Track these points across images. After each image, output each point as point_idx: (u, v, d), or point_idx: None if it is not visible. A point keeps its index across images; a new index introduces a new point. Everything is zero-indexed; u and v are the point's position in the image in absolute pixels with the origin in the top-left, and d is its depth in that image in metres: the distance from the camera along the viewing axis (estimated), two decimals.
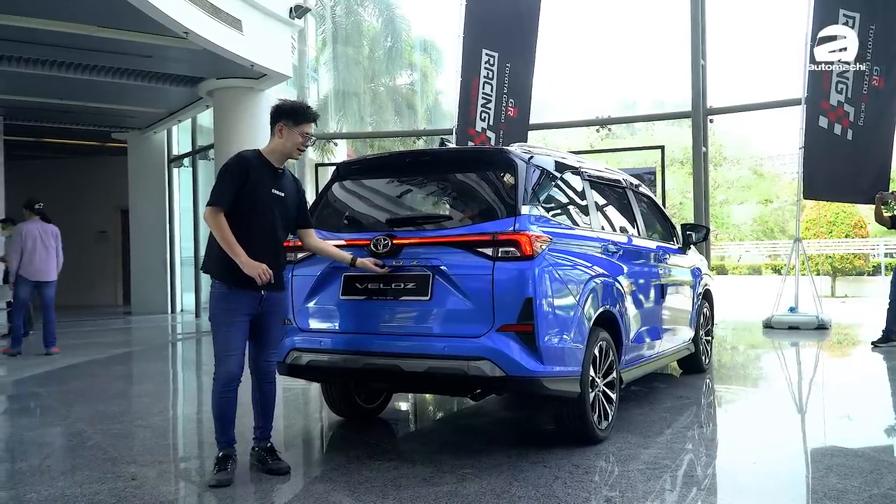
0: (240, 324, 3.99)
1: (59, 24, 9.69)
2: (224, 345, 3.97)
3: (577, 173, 5.10)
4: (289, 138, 4.08)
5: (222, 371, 3.97)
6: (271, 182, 4.05)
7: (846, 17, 10.62)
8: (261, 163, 4.05)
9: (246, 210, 3.94)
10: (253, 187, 3.95)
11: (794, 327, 10.68)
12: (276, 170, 4.10)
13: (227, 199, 3.89)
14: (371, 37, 22.40)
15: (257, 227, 3.98)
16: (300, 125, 4.08)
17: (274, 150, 4.10)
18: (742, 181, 38.89)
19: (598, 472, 4.04)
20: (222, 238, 3.88)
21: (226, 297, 3.98)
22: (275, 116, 4.13)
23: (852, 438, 4.89)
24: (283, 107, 4.15)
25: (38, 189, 18.32)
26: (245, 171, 3.95)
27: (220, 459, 3.99)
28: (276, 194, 4.06)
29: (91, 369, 8.55)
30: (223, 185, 3.92)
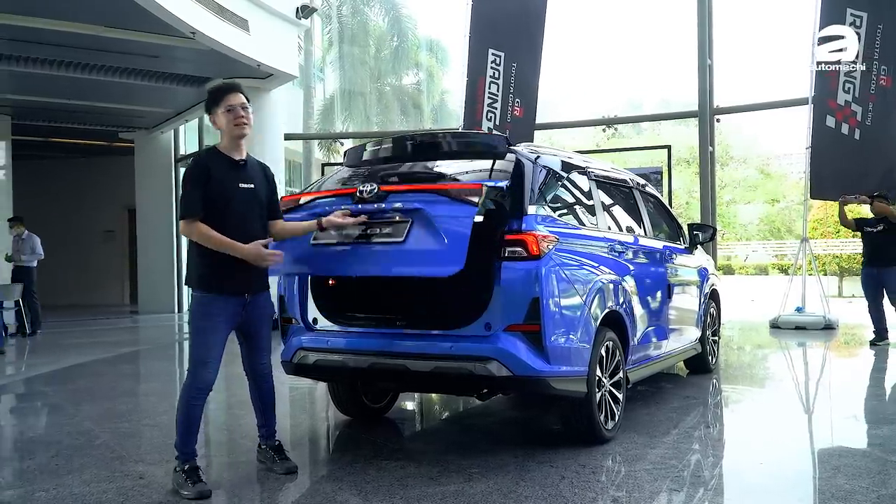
0: (220, 332, 3.86)
1: (66, 25, 9.72)
2: (201, 353, 3.83)
3: (584, 173, 5.09)
4: (221, 121, 3.93)
5: (196, 379, 3.82)
6: (236, 176, 3.90)
7: (853, 17, 10.59)
8: (220, 159, 3.91)
9: (217, 211, 3.79)
10: (219, 186, 3.81)
11: (801, 327, 10.65)
12: (238, 162, 3.94)
13: (198, 207, 3.75)
14: (377, 36, 22.42)
15: (232, 225, 3.81)
16: (220, 103, 3.92)
17: (225, 140, 3.96)
18: (749, 181, 38.77)
19: (604, 472, 4.03)
20: (209, 241, 3.74)
21: (208, 304, 3.84)
22: (207, 112, 4.04)
23: (860, 439, 4.88)
24: (206, 103, 4.06)
25: (45, 188, 18.49)
26: (206, 172, 3.81)
27: (190, 471, 3.79)
28: (245, 187, 3.91)
29: (98, 368, 8.58)
30: (189, 193, 3.78)
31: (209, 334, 3.83)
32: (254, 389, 4.18)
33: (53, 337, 11.80)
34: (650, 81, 47.16)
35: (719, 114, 12.75)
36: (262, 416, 4.20)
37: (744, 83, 39.96)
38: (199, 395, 3.85)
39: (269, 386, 4.17)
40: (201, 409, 3.89)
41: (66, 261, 17.50)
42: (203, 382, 3.84)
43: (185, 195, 3.83)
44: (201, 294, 3.85)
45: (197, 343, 3.86)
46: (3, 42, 10.41)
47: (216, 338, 3.84)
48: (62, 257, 16.34)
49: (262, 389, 4.15)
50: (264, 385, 4.15)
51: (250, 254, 3.78)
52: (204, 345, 3.83)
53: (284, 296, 4.71)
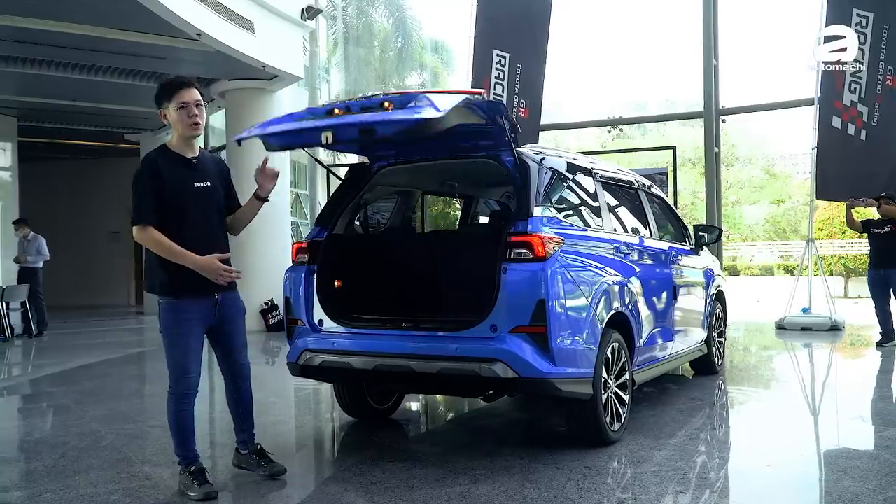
0: (195, 336, 3.74)
1: (72, 27, 9.75)
2: (179, 360, 3.71)
3: (589, 174, 5.09)
4: (175, 118, 3.69)
5: (180, 388, 3.72)
6: (190, 175, 3.73)
7: (859, 17, 10.56)
8: (170, 158, 3.72)
9: (173, 214, 3.64)
10: (173, 187, 3.65)
11: (807, 328, 10.61)
12: (191, 160, 3.76)
13: (150, 211, 3.60)
14: (382, 38, 22.42)
15: (190, 227, 3.67)
16: (172, 98, 3.68)
17: (177, 137, 3.76)
18: (754, 181, 38.70)
19: (610, 473, 4.03)
20: (162, 249, 3.60)
21: (175, 310, 3.69)
22: (155, 105, 3.77)
23: (867, 441, 4.87)
24: (155, 95, 3.77)
25: (51, 190, 18.54)
26: (157, 174, 3.64)
27: (196, 473, 3.75)
28: (200, 186, 3.74)
29: (104, 369, 8.60)
30: (139, 198, 3.62)
31: (185, 339, 3.71)
32: (232, 392, 4.04)
33: (59, 338, 11.84)
34: (655, 82, 47.09)
35: (725, 114, 12.73)
36: (242, 420, 4.06)
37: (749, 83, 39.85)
38: (184, 400, 3.76)
39: (247, 386, 4.03)
40: (191, 413, 3.80)
41: (72, 262, 17.54)
42: (187, 388, 3.73)
43: (136, 199, 3.64)
44: (169, 300, 3.70)
45: (173, 351, 3.72)
46: (10, 44, 10.44)
47: (192, 342, 3.73)
48: (68, 258, 16.37)
49: (241, 390, 4.01)
50: (243, 385, 4.01)
51: (205, 267, 3.63)
52: (182, 351, 3.71)
53: (290, 297, 4.72)
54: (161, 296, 3.73)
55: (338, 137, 3.94)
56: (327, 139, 3.91)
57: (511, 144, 4.29)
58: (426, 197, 9.09)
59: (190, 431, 3.80)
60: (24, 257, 11.92)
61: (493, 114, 4.10)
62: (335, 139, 3.93)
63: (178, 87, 3.71)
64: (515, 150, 4.35)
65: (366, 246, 5.24)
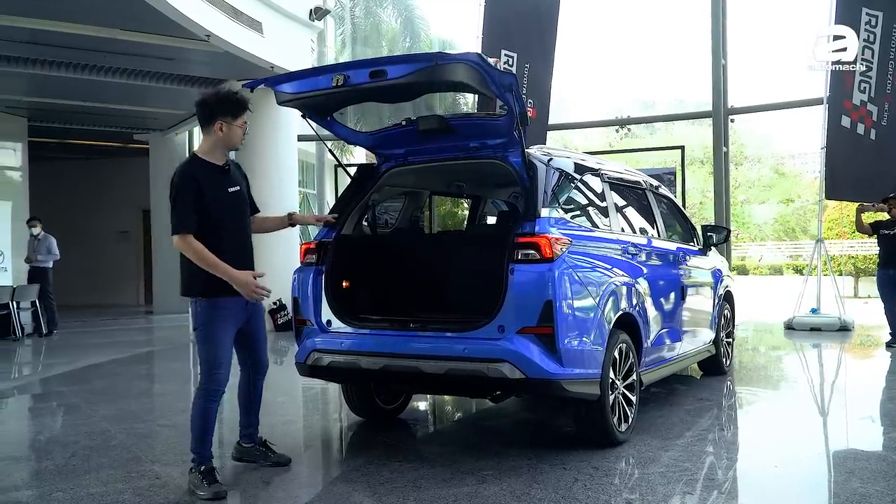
0: (230, 333, 3.90)
1: (82, 28, 9.80)
2: (213, 358, 3.85)
3: (597, 175, 5.09)
4: (230, 133, 3.89)
5: (212, 384, 3.85)
6: (224, 181, 3.91)
7: (869, 16, 10.52)
8: (205, 167, 3.88)
9: (214, 222, 3.81)
10: (210, 197, 3.81)
11: (816, 329, 10.57)
12: (222, 167, 3.94)
13: (192, 221, 3.75)
14: (390, 38, 22.45)
15: (230, 233, 3.88)
16: (238, 117, 3.91)
17: (214, 147, 3.92)
18: (763, 180, 38.59)
19: (617, 474, 4.03)
20: (201, 260, 3.74)
21: (212, 307, 3.85)
22: (210, 115, 3.89)
23: (875, 442, 4.86)
24: (216, 102, 3.91)
25: (60, 190, 18.63)
26: (197, 185, 3.79)
27: (206, 472, 3.82)
28: (233, 191, 3.94)
29: (114, 368, 8.65)
30: (181, 207, 3.75)
31: (220, 337, 3.86)
32: (246, 386, 4.21)
33: (69, 337, 11.90)
34: (664, 81, 47.08)
35: (734, 114, 12.70)
36: (252, 414, 4.24)
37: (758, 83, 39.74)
38: (215, 396, 3.89)
39: (261, 384, 4.24)
40: (216, 410, 3.94)
41: (82, 261, 17.60)
42: (219, 384, 3.87)
43: (176, 209, 3.77)
44: (208, 300, 3.85)
45: (208, 347, 3.87)
46: (20, 45, 10.50)
47: (226, 340, 3.90)
48: (78, 258, 16.42)
49: (256, 386, 4.20)
50: (259, 382, 4.20)
51: (240, 282, 3.79)
52: (216, 348, 3.86)
53: (298, 298, 4.73)
54: (199, 297, 3.87)
55: (350, 81, 4.07)
56: (338, 81, 4.07)
57: (520, 137, 4.29)
58: (434, 197, 9.11)
59: (211, 430, 3.93)
60: (34, 256, 11.98)
61: (502, 84, 4.10)
62: (346, 82, 4.07)
63: (244, 107, 3.94)
64: (524, 145, 4.34)
65: (374, 246, 5.26)
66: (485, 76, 3.99)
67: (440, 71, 3.99)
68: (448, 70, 3.99)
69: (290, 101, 4.47)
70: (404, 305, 5.11)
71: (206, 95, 3.97)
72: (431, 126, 4.65)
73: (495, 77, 4.04)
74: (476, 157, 4.71)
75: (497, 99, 4.26)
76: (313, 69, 4.45)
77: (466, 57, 3.97)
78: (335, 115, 4.88)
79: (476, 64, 3.94)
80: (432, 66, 3.97)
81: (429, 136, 4.71)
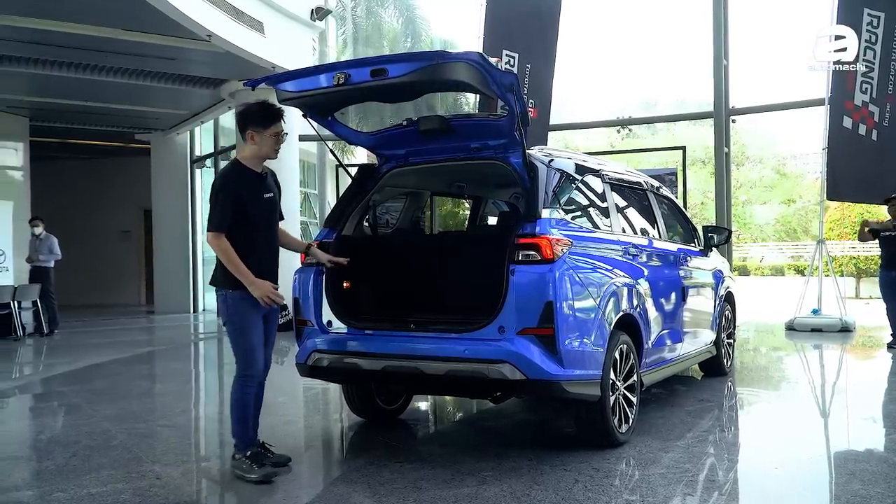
0: (257, 325, 4.08)
1: (83, 28, 9.81)
2: (247, 345, 4.04)
3: (598, 176, 5.09)
4: (262, 143, 4.06)
5: (252, 372, 4.04)
6: (260, 188, 4.10)
7: (870, 17, 10.51)
8: (246, 173, 4.08)
9: (247, 225, 3.99)
10: (248, 201, 4.00)
11: (817, 330, 10.55)
12: (261, 174, 4.13)
13: (227, 222, 3.94)
14: (391, 38, 22.42)
15: (261, 237, 4.07)
16: (269, 127, 4.06)
17: (252, 156, 4.10)
18: (765, 181, 38.55)
19: (618, 475, 4.03)
20: (229, 262, 3.93)
21: (242, 300, 4.01)
22: (242, 124, 4.10)
23: (877, 443, 4.85)
24: (248, 113, 4.11)
25: (62, 189, 18.65)
26: (237, 188, 3.99)
27: (253, 457, 4.01)
28: (267, 197, 4.12)
29: (115, 368, 8.65)
30: (220, 208, 3.95)
31: (251, 325, 4.04)
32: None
33: (71, 337, 11.91)
34: (665, 81, 46.99)
35: (735, 114, 12.69)
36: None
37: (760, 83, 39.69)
38: (252, 382, 4.05)
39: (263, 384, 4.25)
40: (254, 397, 4.08)
41: (83, 261, 17.62)
42: (256, 371, 4.04)
43: (215, 208, 3.98)
44: (238, 291, 4.00)
45: (242, 338, 4.04)
46: (22, 45, 10.51)
47: (256, 328, 4.07)
48: (79, 258, 16.45)
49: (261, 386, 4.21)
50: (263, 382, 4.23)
51: (258, 288, 3.96)
52: (249, 336, 4.03)
53: (299, 298, 4.73)
54: (231, 290, 4.02)
55: (352, 80, 4.10)
56: (339, 80, 4.11)
57: (521, 137, 4.28)
58: (435, 198, 9.10)
59: (251, 415, 4.07)
60: (36, 256, 11.99)
61: (503, 84, 4.09)
62: (347, 81, 4.09)
63: (277, 118, 4.08)
64: (524, 145, 4.33)
65: (374, 247, 5.25)
66: (486, 76, 3.99)
67: (441, 70, 4.00)
68: (449, 69, 4.00)
69: (291, 100, 4.47)
70: (405, 306, 5.11)
71: (242, 106, 4.22)
72: (432, 126, 4.65)
73: (496, 77, 4.04)
74: (477, 157, 4.70)
75: (498, 99, 4.26)
76: (314, 67, 4.47)
77: (468, 56, 3.97)
78: (336, 115, 4.88)
79: (477, 63, 3.94)
80: (433, 65, 3.98)
81: (430, 136, 4.71)
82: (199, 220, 17.01)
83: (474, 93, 4.84)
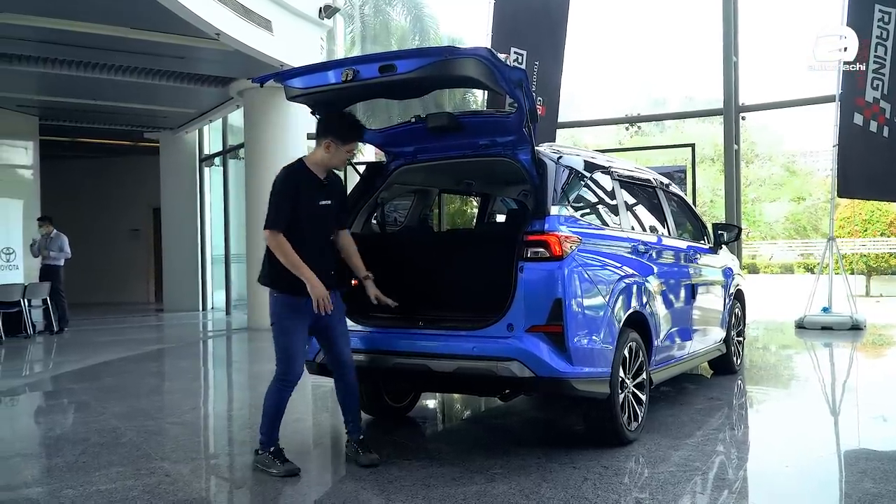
0: (301, 330, 4.08)
1: (92, 27, 9.84)
2: (287, 349, 4.06)
3: (607, 173, 5.07)
4: (335, 155, 4.09)
5: (290, 377, 4.07)
6: (319, 194, 4.10)
7: (882, 13, 10.42)
8: (308, 176, 4.09)
9: (299, 224, 4.00)
10: (304, 202, 4.02)
11: (827, 328, 10.49)
12: (322, 181, 4.12)
13: (284, 220, 3.96)
14: (399, 36, 22.42)
15: (311, 238, 4.06)
16: (348, 143, 4.11)
17: (320, 162, 4.11)
18: (774, 178, 38.34)
19: (627, 473, 4.01)
20: (288, 260, 3.94)
21: (290, 305, 4.04)
22: (322, 131, 4.12)
23: (888, 441, 4.81)
24: (331, 122, 4.14)
25: (72, 188, 18.73)
26: (295, 188, 4.02)
27: (276, 453, 4.08)
28: (325, 204, 4.12)
29: (124, 366, 8.69)
30: (278, 205, 3.98)
31: (293, 330, 4.06)
32: (338, 383, 4.29)
33: (80, 335, 11.97)
34: (674, 78, 46.72)
35: (745, 111, 12.60)
36: (347, 412, 4.32)
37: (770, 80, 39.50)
38: (287, 386, 4.09)
39: (350, 380, 4.26)
40: (287, 401, 4.14)
41: (93, 259, 17.71)
42: (294, 375, 4.08)
43: (274, 205, 3.99)
44: (285, 295, 4.04)
45: (282, 340, 4.08)
46: (32, 44, 10.56)
47: (299, 333, 4.09)
48: (88, 256, 16.53)
49: (345, 381, 4.26)
50: (346, 378, 4.25)
51: (315, 291, 3.96)
52: (290, 341, 4.06)
53: None
54: (277, 291, 4.07)
55: (360, 76, 4.08)
56: (347, 76, 4.10)
57: (530, 134, 4.25)
58: (443, 195, 9.10)
59: (280, 416, 4.14)
60: (45, 252, 12.04)
61: (511, 80, 4.07)
62: (356, 77, 4.08)
63: (358, 136, 4.19)
64: (533, 142, 4.31)
65: (383, 244, 5.24)
66: (494, 71, 3.98)
67: (450, 66, 3.98)
68: (458, 65, 3.99)
69: (299, 97, 4.47)
70: (413, 303, 5.09)
71: (329, 113, 4.23)
72: (441, 123, 4.64)
73: (505, 73, 4.03)
74: (485, 154, 4.69)
75: (506, 95, 4.25)
76: (323, 64, 4.46)
77: (476, 52, 3.96)
78: (345, 111, 4.86)
79: (486, 59, 3.93)
80: (442, 61, 3.97)
81: (438, 133, 4.70)
82: (207, 219, 17.06)
83: (483, 89, 4.83)
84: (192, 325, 14.36)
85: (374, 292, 4.41)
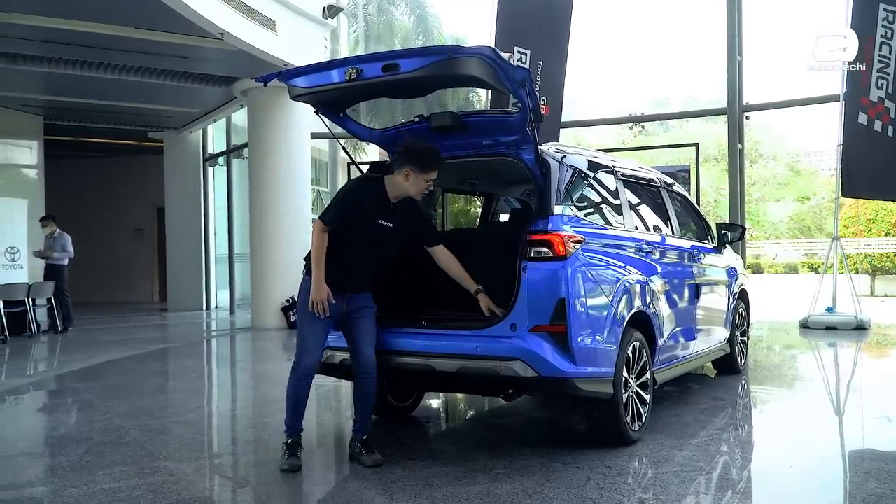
0: (320, 323, 4.13)
1: (96, 26, 9.86)
2: (306, 338, 4.15)
3: (610, 172, 5.06)
4: (414, 184, 4.13)
5: (301, 363, 4.13)
6: (381, 214, 4.15)
7: (886, 12, 10.40)
8: (377, 192, 4.15)
9: (349, 230, 4.09)
10: (360, 213, 4.09)
11: (831, 328, 10.48)
12: (390, 202, 4.18)
13: (336, 221, 4.07)
14: (403, 35, 22.41)
15: (356, 248, 4.13)
16: (427, 173, 4.13)
17: (396, 186, 4.16)
18: (778, 178, 38.26)
19: (631, 473, 4.01)
20: (314, 249, 4.05)
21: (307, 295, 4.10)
22: (402, 159, 4.14)
23: (892, 442, 4.80)
24: (412, 152, 4.15)
25: (76, 187, 18.77)
26: (358, 198, 4.11)
27: (290, 445, 4.12)
28: (383, 225, 4.17)
29: (128, 365, 8.70)
30: (338, 206, 4.11)
31: (313, 323, 4.12)
32: (357, 382, 4.31)
33: (84, 334, 11.99)
34: (678, 78, 46.71)
35: (749, 111, 12.58)
36: (357, 412, 4.34)
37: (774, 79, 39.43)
38: (304, 377, 4.15)
39: (368, 382, 4.26)
40: (307, 391, 4.18)
41: (97, 259, 17.75)
42: (303, 365, 4.13)
43: (335, 204, 4.16)
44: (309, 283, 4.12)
45: (302, 331, 4.20)
46: (36, 43, 10.58)
47: (320, 326, 4.14)
48: (93, 255, 16.57)
49: (363, 383, 4.26)
50: (363, 379, 4.25)
51: (316, 290, 4.04)
52: (308, 332, 4.16)
53: None
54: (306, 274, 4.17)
55: (363, 75, 4.10)
56: (351, 75, 4.12)
57: (533, 133, 4.24)
58: (446, 195, 9.10)
59: (302, 406, 4.18)
60: (49, 252, 12.07)
61: (515, 79, 4.05)
62: (359, 76, 4.10)
63: (437, 167, 4.18)
64: (537, 142, 4.30)
65: None
66: (498, 71, 3.97)
67: (453, 64, 3.98)
68: (461, 64, 3.98)
69: (303, 96, 4.47)
70: (416, 303, 5.09)
71: (409, 143, 4.25)
72: (444, 123, 4.64)
73: (508, 72, 4.02)
74: (489, 154, 4.68)
75: (510, 95, 4.24)
76: (326, 63, 4.45)
77: (480, 51, 3.95)
78: (348, 111, 4.87)
79: (489, 58, 3.92)
80: (445, 60, 3.97)
81: (441, 132, 4.70)
82: (211, 218, 17.08)
83: (486, 88, 4.83)
84: (196, 325, 14.38)
85: (486, 303, 4.39)
